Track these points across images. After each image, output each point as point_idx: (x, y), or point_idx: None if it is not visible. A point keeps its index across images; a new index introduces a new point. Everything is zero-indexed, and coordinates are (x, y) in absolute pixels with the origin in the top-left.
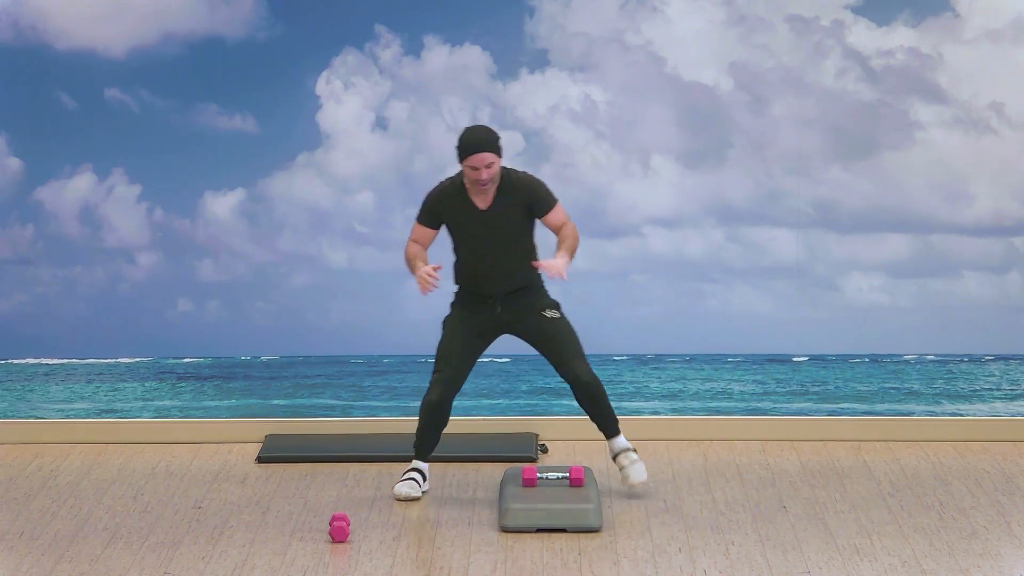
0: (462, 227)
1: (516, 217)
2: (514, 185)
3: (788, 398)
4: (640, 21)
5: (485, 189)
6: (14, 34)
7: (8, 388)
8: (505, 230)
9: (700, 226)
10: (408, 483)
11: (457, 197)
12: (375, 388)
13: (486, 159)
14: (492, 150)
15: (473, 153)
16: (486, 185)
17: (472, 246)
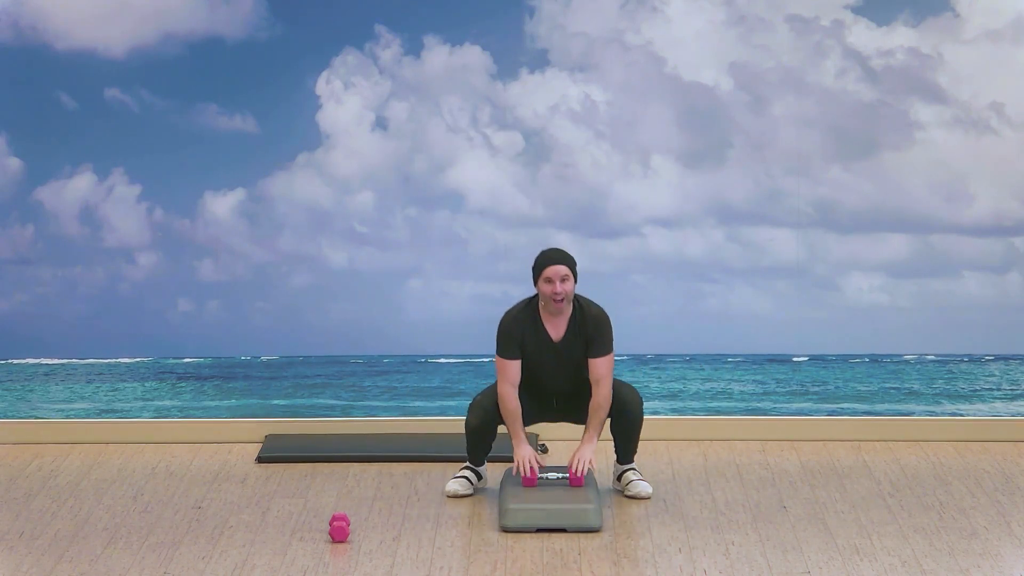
0: (534, 355)
1: (583, 348)
2: (585, 316)
3: (788, 398)
4: (640, 21)
5: (560, 307)
6: (14, 34)
7: (8, 388)
8: (573, 362)
9: (700, 226)
10: (460, 480)
11: (531, 324)
12: (375, 388)
13: (561, 271)
14: (568, 264)
15: (549, 265)
16: (561, 301)
17: (539, 373)
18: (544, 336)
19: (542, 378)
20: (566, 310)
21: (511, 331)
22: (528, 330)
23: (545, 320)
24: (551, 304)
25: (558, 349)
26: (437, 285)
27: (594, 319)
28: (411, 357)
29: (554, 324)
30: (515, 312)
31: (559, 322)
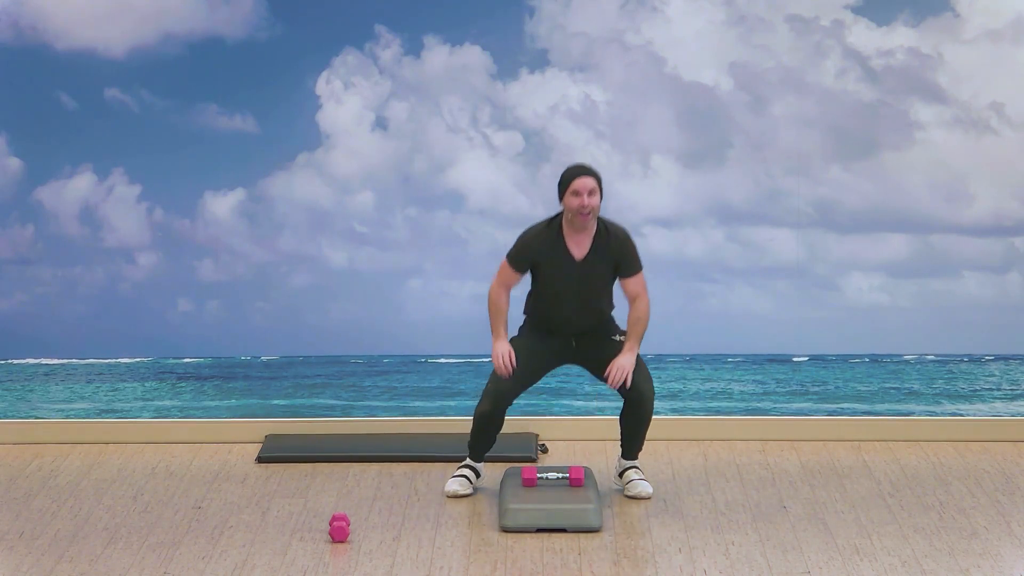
0: (554, 275)
1: (606, 271)
2: (610, 236)
3: (788, 398)
4: (640, 21)
5: (586, 221)
6: (14, 34)
7: (8, 388)
8: (594, 282)
9: (700, 226)
10: (459, 480)
11: (555, 243)
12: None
13: (589, 184)
14: (595, 177)
15: (576, 177)
16: (587, 215)
17: (558, 294)
18: (566, 254)
19: (561, 303)
20: (590, 227)
21: (530, 245)
22: (549, 247)
23: (568, 237)
24: (577, 219)
25: (580, 268)
26: (437, 285)
27: (619, 239)
28: (411, 357)
29: (577, 242)
30: (538, 228)
31: (582, 240)
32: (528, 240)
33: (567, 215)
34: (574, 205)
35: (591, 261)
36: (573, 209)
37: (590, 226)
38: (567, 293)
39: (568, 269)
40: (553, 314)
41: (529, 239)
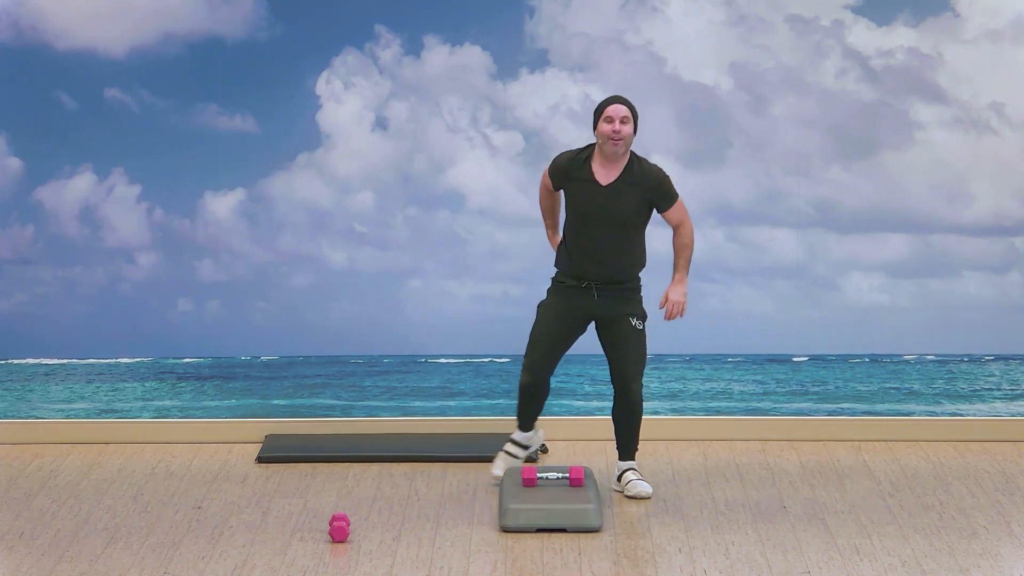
0: (578, 198)
1: (633, 203)
2: (641, 170)
3: (788, 398)
4: (640, 21)
5: (617, 148)
6: (14, 34)
7: (8, 388)
8: (620, 211)
9: (700, 226)
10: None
11: (582, 166)
12: (375, 388)
13: (621, 112)
14: (628, 106)
15: (610, 104)
16: (619, 142)
17: (583, 221)
18: (591, 179)
19: (587, 232)
20: (622, 158)
21: (560, 165)
22: (576, 169)
23: (596, 163)
24: (608, 144)
25: (605, 194)
26: (437, 285)
27: (652, 174)
28: (411, 357)
29: (605, 169)
30: (570, 152)
31: (612, 168)
32: (559, 161)
33: (599, 143)
34: (606, 131)
35: (618, 189)
36: (605, 135)
37: (621, 156)
38: (592, 220)
39: (594, 193)
40: (580, 246)
41: (560, 160)
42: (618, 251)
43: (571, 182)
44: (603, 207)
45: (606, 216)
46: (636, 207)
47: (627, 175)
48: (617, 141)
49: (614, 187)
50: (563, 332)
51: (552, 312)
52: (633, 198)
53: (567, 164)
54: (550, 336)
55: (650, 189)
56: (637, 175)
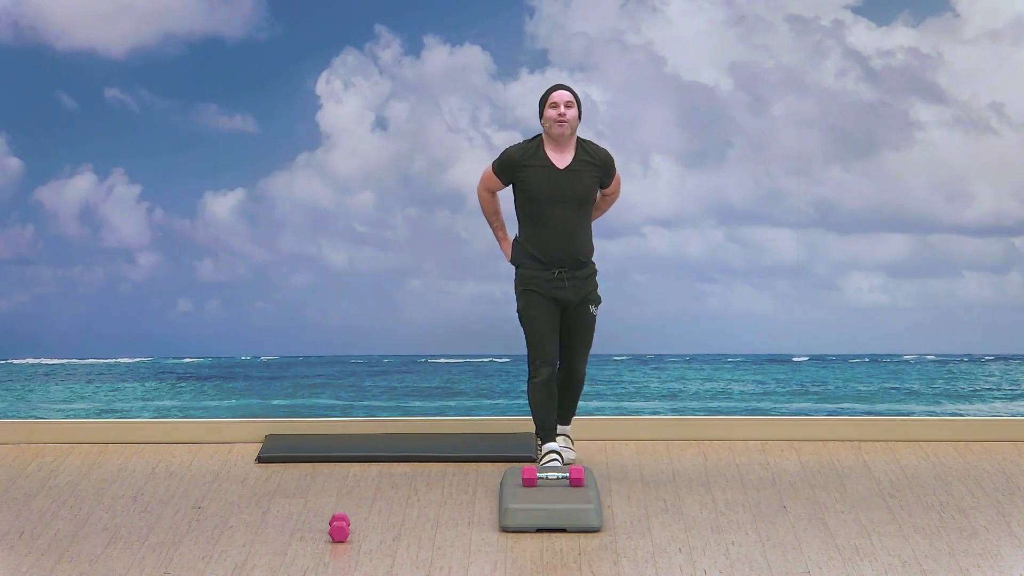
0: (537, 184)
1: (589, 182)
2: (592, 150)
3: (788, 398)
4: (640, 21)
5: (563, 131)
6: (14, 34)
7: (8, 388)
8: (579, 191)
9: (700, 226)
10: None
11: (535, 153)
12: (375, 388)
13: (565, 96)
14: (571, 92)
15: (554, 91)
16: (565, 123)
17: (545, 205)
18: (548, 164)
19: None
20: (570, 140)
21: (512, 155)
22: (531, 157)
23: (549, 150)
24: (554, 127)
25: (563, 176)
26: (437, 285)
27: (602, 154)
28: (411, 357)
29: (559, 153)
30: (520, 143)
31: (564, 152)
32: (511, 152)
33: (546, 128)
34: (552, 115)
35: (575, 170)
36: (551, 120)
37: (570, 140)
38: (554, 202)
39: (552, 176)
40: (545, 232)
41: (511, 151)
42: (579, 231)
43: (525, 170)
44: (563, 189)
45: (567, 197)
46: (591, 185)
47: (580, 156)
48: (563, 123)
49: (571, 169)
50: (553, 320)
51: (541, 308)
52: (588, 177)
53: (519, 154)
54: (551, 331)
55: (601, 168)
56: (590, 155)
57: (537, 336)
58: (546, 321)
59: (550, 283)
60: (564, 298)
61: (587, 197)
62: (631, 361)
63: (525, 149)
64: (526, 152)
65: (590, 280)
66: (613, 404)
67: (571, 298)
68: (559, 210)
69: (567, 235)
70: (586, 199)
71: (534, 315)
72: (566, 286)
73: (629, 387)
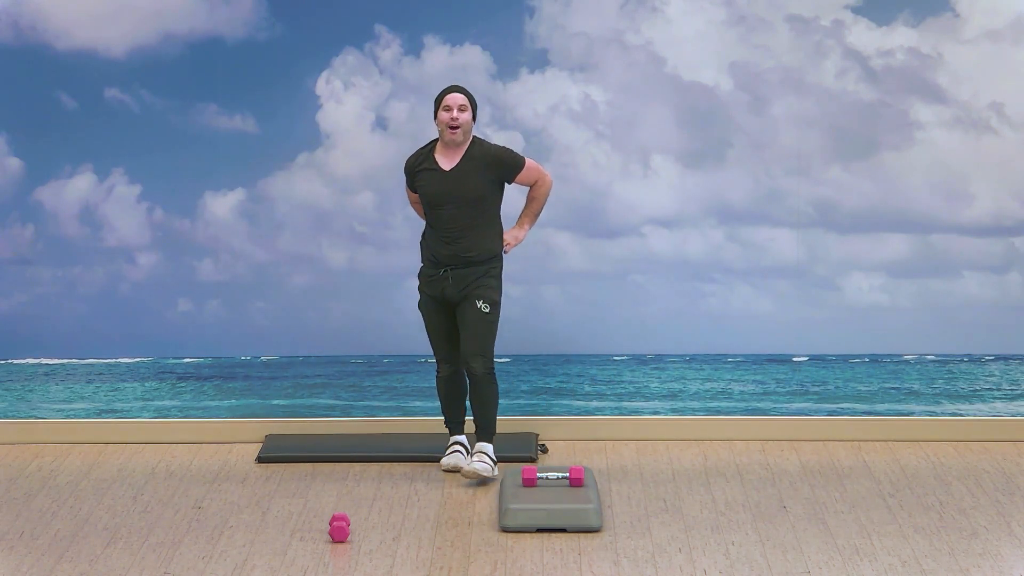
0: (426, 186)
1: (479, 183)
2: (481, 151)
3: (788, 398)
4: (640, 21)
5: (455, 136)
6: (14, 34)
7: (8, 388)
8: (465, 192)
9: (700, 226)
10: (454, 455)
11: (426, 158)
12: (375, 388)
13: (459, 100)
14: (465, 95)
15: (448, 93)
16: (456, 129)
17: (432, 206)
18: (435, 166)
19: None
20: (462, 144)
21: (408, 163)
22: (421, 162)
23: (438, 153)
24: (447, 133)
25: (448, 178)
26: None
27: (490, 152)
28: (411, 357)
29: (447, 156)
30: (416, 150)
31: (453, 155)
32: (408, 161)
33: (440, 132)
34: (445, 119)
35: (460, 171)
36: (444, 123)
37: (462, 143)
38: (440, 203)
39: (437, 178)
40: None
41: (408, 160)
42: (467, 232)
43: (419, 174)
44: (448, 191)
45: (452, 198)
46: (481, 186)
47: (467, 158)
48: (455, 129)
49: (456, 170)
50: (444, 321)
51: (428, 307)
52: (476, 178)
53: (413, 161)
54: (443, 331)
55: (491, 166)
56: (477, 156)
57: (430, 335)
58: (435, 320)
59: (435, 281)
60: (448, 295)
61: (476, 198)
62: (631, 361)
63: (418, 155)
64: (419, 157)
65: (481, 276)
66: (613, 404)
67: (452, 295)
68: (445, 211)
69: (452, 237)
70: (475, 200)
71: (424, 315)
72: (449, 283)
73: (629, 387)
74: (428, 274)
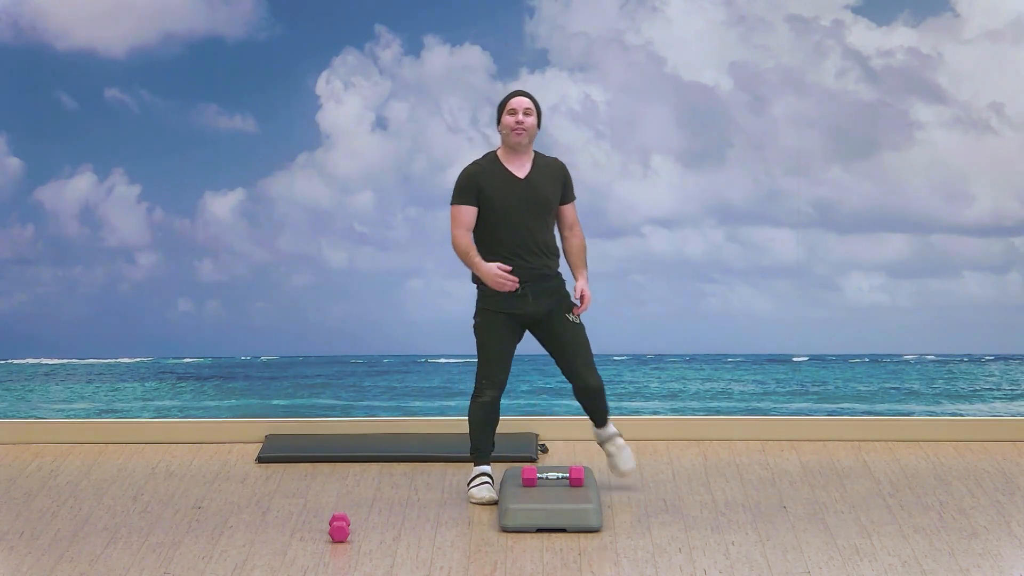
0: (499, 196)
1: (552, 191)
2: (548, 161)
3: (788, 398)
4: (640, 21)
5: (521, 139)
6: (14, 34)
7: (8, 388)
8: (540, 199)
9: (700, 226)
10: (484, 487)
11: (493, 167)
12: (375, 388)
13: (524, 103)
14: (531, 99)
15: (514, 97)
16: (523, 132)
17: (510, 217)
18: (508, 175)
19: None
20: (528, 149)
21: (471, 174)
22: (490, 172)
23: (506, 161)
24: (511, 137)
25: (525, 186)
26: (437, 285)
27: (559, 164)
28: (411, 357)
29: (517, 164)
30: (475, 162)
31: (522, 162)
32: (468, 172)
33: (503, 137)
34: (510, 123)
35: (534, 179)
36: (509, 126)
37: (527, 149)
38: (516, 212)
39: (513, 187)
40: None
41: (469, 171)
42: (542, 241)
43: (487, 186)
44: (526, 198)
45: (529, 207)
46: (552, 195)
47: (538, 165)
48: (520, 132)
49: (531, 178)
50: (509, 344)
51: (496, 329)
52: (549, 185)
53: (477, 172)
54: (502, 353)
55: (558, 178)
56: (544, 165)
57: (489, 356)
58: (504, 341)
59: (514, 300)
60: (532, 315)
61: (548, 206)
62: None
63: (480, 165)
64: (482, 168)
65: (558, 291)
66: (613, 404)
67: (536, 312)
68: (522, 220)
69: (530, 247)
70: (547, 208)
71: (489, 335)
72: (530, 300)
73: (629, 387)
74: (504, 296)
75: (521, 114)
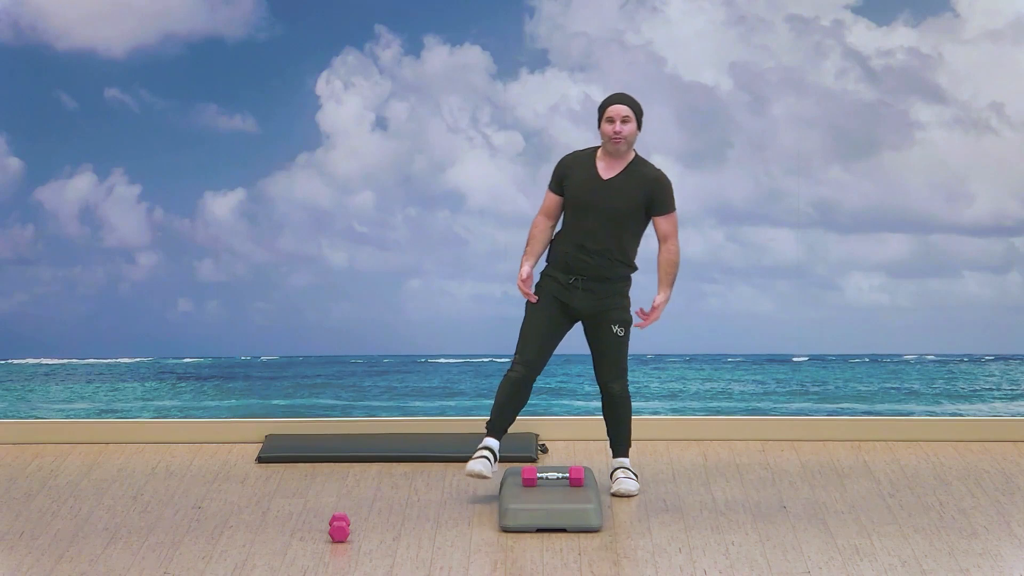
0: (578, 190)
1: (632, 201)
2: (644, 171)
3: (788, 398)
4: (640, 21)
5: (618, 147)
6: (14, 34)
7: (8, 388)
8: (617, 206)
9: (700, 226)
10: (480, 461)
11: (586, 161)
12: (375, 388)
13: (622, 111)
14: (631, 106)
15: (611, 104)
16: (620, 139)
17: (580, 212)
18: (594, 172)
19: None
20: (625, 155)
21: (564, 162)
22: (579, 164)
23: (600, 159)
24: (610, 144)
25: (605, 186)
26: (437, 285)
27: (653, 173)
28: (411, 357)
29: (608, 165)
30: (576, 151)
31: (615, 165)
32: (562, 161)
33: (603, 142)
34: (608, 132)
35: (617, 184)
36: (607, 135)
37: (625, 154)
38: (588, 211)
39: (594, 184)
40: (573, 238)
41: (563, 159)
42: (609, 246)
43: (574, 176)
44: (600, 200)
45: (601, 209)
46: (632, 204)
47: (628, 172)
48: (618, 140)
49: (613, 181)
50: (553, 326)
51: (544, 310)
52: (631, 194)
53: (572, 160)
54: (545, 333)
55: (648, 186)
56: (636, 172)
57: (527, 329)
58: (545, 321)
59: (565, 288)
60: (579, 309)
61: (624, 214)
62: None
63: (579, 156)
64: (579, 159)
65: (614, 296)
66: None
67: (586, 311)
68: (592, 221)
69: (593, 247)
70: (623, 216)
71: (534, 311)
72: (579, 294)
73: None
74: (557, 277)
75: (619, 123)
